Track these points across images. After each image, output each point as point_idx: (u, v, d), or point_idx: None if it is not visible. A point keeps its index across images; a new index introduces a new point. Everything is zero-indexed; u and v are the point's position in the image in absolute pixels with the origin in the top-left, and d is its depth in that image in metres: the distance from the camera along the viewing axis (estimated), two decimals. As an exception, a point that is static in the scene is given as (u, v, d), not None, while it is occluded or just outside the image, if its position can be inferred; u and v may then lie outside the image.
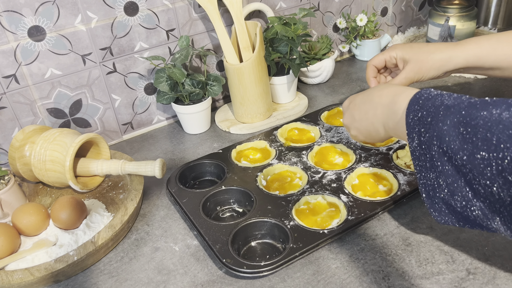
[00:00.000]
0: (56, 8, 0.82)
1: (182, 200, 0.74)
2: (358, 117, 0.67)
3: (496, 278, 0.57)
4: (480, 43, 0.70)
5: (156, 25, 0.94)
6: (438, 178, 0.53)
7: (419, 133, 0.54)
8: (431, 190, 0.56)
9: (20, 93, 0.84)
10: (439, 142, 0.51)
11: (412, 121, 0.55)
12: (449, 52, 0.71)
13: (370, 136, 0.67)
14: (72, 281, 0.65)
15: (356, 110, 0.68)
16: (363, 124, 0.67)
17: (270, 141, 0.88)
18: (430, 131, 0.52)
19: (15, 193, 0.76)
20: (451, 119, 0.49)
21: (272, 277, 0.61)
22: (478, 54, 0.70)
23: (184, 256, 0.67)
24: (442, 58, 0.72)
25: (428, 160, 0.54)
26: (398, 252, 0.63)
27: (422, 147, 0.54)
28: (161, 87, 0.92)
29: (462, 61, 0.71)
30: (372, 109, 0.64)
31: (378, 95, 0.64)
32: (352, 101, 0.70)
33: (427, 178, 0.56)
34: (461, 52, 0.71)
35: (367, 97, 0.66)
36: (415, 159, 0.57)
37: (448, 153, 0.50)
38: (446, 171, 0.52)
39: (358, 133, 0.69)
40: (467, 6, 1.16)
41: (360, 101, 0.67)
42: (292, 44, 0.95)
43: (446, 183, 0.52)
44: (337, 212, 0.69)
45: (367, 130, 0.67)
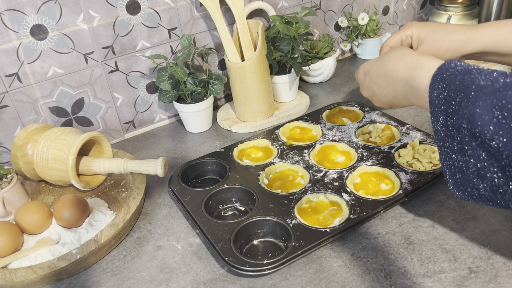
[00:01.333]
0: (58, 7, 0.82)
1: (184, 199, 0.74)
2: (378, 91, 0.65)
3: (498, 276, 0.57)
4: (498, 27, 0.67)
5: (158, 23, 0.94)
6: (467, 162, 0.50)
7: (445, 113, 0.51)
8: (458, 172, 0.52)
9: (22, 92, 0.85)
10: (470, 125, 0.47)
11: (436, 99, 0.52)
12: (467, 34, 0.68)
13: (395, 105, 0.65)
14: (74, 279, 0.65)
15: (375, 84, 0.65)
16: (385, 97, 0.65)
17: (272, 140, 0.88)
18: (459, 113, 0.48)
19: (17, 192, 0.77)
20: (483, 101, 0.45)
21: (274, 275, 0.61)
22: (497, 38, 0.67)
23: (186, 255, 0.67)
24: (459, 40, 0.68)
25: (456, 142, 0.50)
26: (400, 251, 0.63)
27: (449, 128, 0.51)
28: (163, 85, 0.92)
29: (480, 45, 0.68)
30: (391, 84, 0.62)
31: (393, 68, 0.60)
32: (367, 74, 0.67)
33: (453, 159, 0.52)
34: (480, 35, 0.67)
35: (382, 71, 0.63)
36: (439, 139, 0.53)
37: (481, 138, 0.46)
38: (477, 156, 0.48)
39: (381, 104, 0.67)
40: (468, 5, 1.16)
41: (375, 74, 0.65)
42: (293, 43, 0.95)
43: (476, 167, 0.49)
44: (339, 211, 0.69)
45: (390, 101, 0.65)
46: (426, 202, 0.71)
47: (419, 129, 0.85)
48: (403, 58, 0.60)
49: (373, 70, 0.66)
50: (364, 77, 0.68)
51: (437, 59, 0.56)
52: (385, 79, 0.63)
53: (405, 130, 0.86)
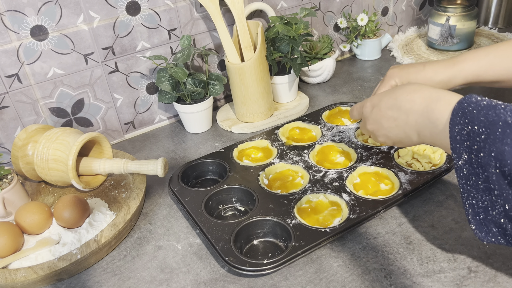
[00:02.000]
0: (58, 8, 0.82)
1: (184, 199, 0.74)
2: (386, 124, 0.62)
3: (497, 276, 0.57)
4: (478, 59, 0.67)
5: (158, 24, 0.94)
6: (494, 202, 0.48)
7: (469, 150, 0.49)
8: (482, 212, 0.50)
9: (22, 93, 0.85)
10: (498, 164, 0.45)
11: (458, 134, 0.50)
12: (447, 73, 0.69)
13: (401, 142, 0.63)
14: (75, 279, 0.65)
15: (383, 117, 0.62)
16: (392, 131, 0.62)
17: (271, 140, 0.89)
18: (485, 150, 0.47)
19: (18, 192, 0.77)
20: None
21: (274, 275, 0.61)
22: (477, 72, 0.67)
23: (186, 255, 0.67)
24: (441, 81, 0.69)
25: (482, 181, 0.49)
26: (399, 251, 0.63)
27: (473, 166, 0.49)
28: (163, 86, 0.93)
29: (462, 80, 0.69)
30: (402, 116, 0.59)
31: (408, 99, 0.58)
32: (376, 106, 0.64)
33: (478, 199, 0.50)
34: (460, 71, 0.68)
35: (395, 102, 0.60)
36: (462, 177, 0.51)
37: (511, 177, 0.45)
38: (505, 196, 0.46)
39: (386, 140, 0.65)
40: (467, 6, 1.17)
41: (385, 107, 0.62)
42: (293, 44, 0.95)
43: (504, 207, 0.47)
44: (338, 211, 0.69)
45: (397, 137, 0.62)
46: (425, 202, 0.71)
47: (418, 130, 0.86)
48: (419, 90, 0.58)
49: (383, 101, 0.63)
50: (372, 109, 0.65)
51: (456, 94, 0.54)
52: (397, 111, 0.60)
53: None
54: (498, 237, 0.50)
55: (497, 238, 0.50)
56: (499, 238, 0.50)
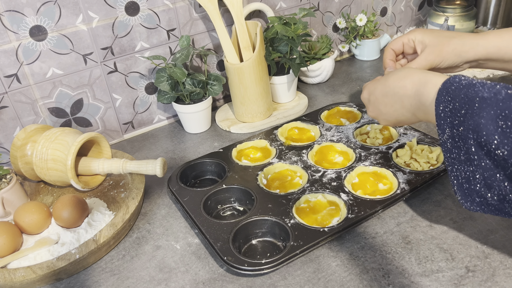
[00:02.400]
0: (57, 8, 0.82)
1: (183, 199, 0.75)
2: (384, 110, 0.66)
3: (495, 275, 0.57)
4: (501, 34, 0.68)
5: (157, 25, 0.94)
6: (474, 171, 0.52)
7: (451, 125, 0.52)
8: (465, 182, 0.54)
9: (21, 93, 0.85)
10: (475, 136, 0.49)
11: (442, 112, 0.53)
12: (470, 39, 0.69)
13: (402, 122, 0.66)
14: (74, 279, 0.65)
15: (380, 103, 0.66)
16: (392, 115, 0.65)
17: (270, 140, 0.89)
18: (464, 124, 0.50)
19: (17, 192, 0.77)
20: (487, 112, 0.47)
21: (272, 275, 0.62)
22: (499, 45, 0.68)
23: (185, 254, 0.67)
24: (463, 44, 0.69)
25: (463, 153, 0.52)
26: (398, 250, 0.63)
27: (455, 139, 0.53)
28: (161, 86, 0.93)
29: (483, 50, 0.69)
30: (398, 101, 0.62)
31: (400, 86, 0.61)
32: (372, 93, 0.67)
33: (460, 170, 0.54)
34: (482, 41, 0.68)
35: (388, 89, 0.64)
36: (446, 151, 0.55)
37: (487, 147, 0.48)
38: (484, 165, 0.50)
39: (388, 123, 0.68)
40: (466, 6, 1.17)
41: (381, 94, 0.65)
42: (292, 44, 0.95)
43: (483, 176, 0.50)
44: (337, 211, 0.70)
45: (397, 119, 0.65)
46: (423, 201, 0.72)
47: (416, 129, 0.86)
48: (409, 76, 0.61)
49: (378, 89, 0.66)
50: (369, 97, 0.69)
51: (443, 74, 0.57)
52: (392, 97, 0.63)
53: (402, 130, 0.86)
54: (482, 206, 0.54)
55: (481, 207, 0.54)
56: (483, 207, 0.53)
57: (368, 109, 0.70)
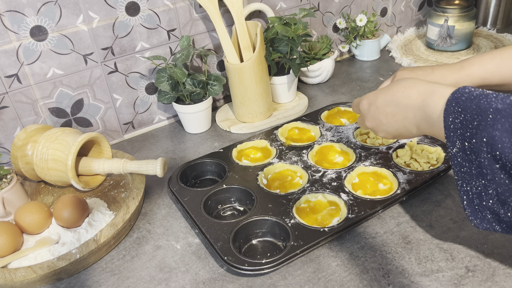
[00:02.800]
0: (58, 8, 0.82)
1: (183, 199, 0.75)
2: (385, 120, 0.63)
3: (495, 275, 0.58)
4: (484, 64, 0.68)
5: (157, 25, 0.94)
6: (486, 186, 0.50)
7: (462, 138, 0.50)
8: (476, 198, 0.52)
9: (22, 93, 0.85)
10: (489, 149, 0.47)
11: (452, 123, 0.51)
12: (454, 77, 0.69)
13: (402, 135, 0.64)
14: (74, 279, 0.65)
15: (381, 113, 0.64)
16: (392, 126, 0.63)
17: (270, 140, 0.89)
18: (477, 136, 0.48)
19: (17, 192, 0.77)
20: (502, 124, 0.46)
21: (273, 274, 0.62)
22: (483, 75, 0.68)
23: (185, 254, 0.67)
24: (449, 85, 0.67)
25: (475, 167, 0.50)
26: (398, 250, 0.63)
27: (467, 152, 0.50)
28: (162, 86, 0.93)
29: (469, 84, 0.68)
30: (401, 112, 0.60)
31: (405, 95, 0.59)
32: (373, 103, 0.65)
33: (471, 185, 0.52)
34: (467, 76, 0.68)
35: (391, 99, 0.62)
36: (456, 165, 0.53)
37: (502, 161, 0.46)
38: (498, 180, 0.48)
39: (387, 135, 0.66)
40: (466, 7, 1.17)
41: (383, 103, 0.63)
42: (292, 44, 0.95)
43: (496, 191, 0.49)
44: (337, 211, 0.70)
45: (397, 131, 0.63)
46: (423, 201, 0.72)
47: (416, 130, 0.86)
48: (415, 86, 0.59)
49: (380, 98, 0.64)
50: (369, 106, 0.66)
51: (450, 85, 0.55)
52: (395, 107, 0.61)
53: (403, 130, 0.86)
54: (493, 223, 0.51)
55: (491, 225, 0.51)
56: (494, 224, 0.51)
57: (367, 119, 0.67)
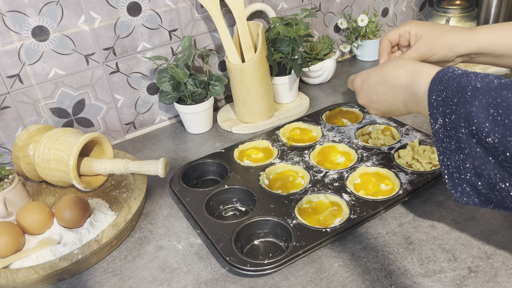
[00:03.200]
0: (59, 9, 0.82)
1: (185, 199, 0.75)
2: (375, 98, 0.66)
3: (497, 276, 0.57)
4: (492, 29, 0.69)
5: (159, 25, 0.94)
6: (464, 160, 0.52)
7: (443, 114, 0.53)
8: (456, 172, 0.54)
9: (23, 93, 0.85)
10: (467, 124, 0.49)
11: (435, 101, 0.54)
12: (462, 34, 0.70)
13: (391, 113, 0.67)
14: (76, 279, 0.65)
15: (372, 91, 0.66)
16: (382, 104, 0.66)
17: (272, 141, 0.89)
18: (456, 112, 0.51)
19: (19, 192, 0.77)
20: (479, 100, 0.48)
21: (275, 275, 0.62)
22: (491, 39, 0.68)
23: (187, 255, 0.67)
24: (455, 38, 0.70)
25: (454, 142, 0.53)
26: (400, 251, 0.63)
27: (447, 128, 0.53)
28: (163, 87, 0.93)
29: (474, 44, 0.69)
30: (390, 90, 0.63)
31: (394, 75, 0.62)
32: (365, 81, 0.68)
33: (451, 160, 0.54)
34: (475, 35, 0.69)
35: (382, 78, 0.64)
36: (438, 140, 0.55)
37: (478, 135, 0.49)
38: (474, 153, 0.50)
39: (377, 112, 0.69)
40: (467, 7, 1.17)
41: (374, 82, 0.66)
42: (294, 44, 0.95)
43: (473, 165, 0.51)
44: (339, 211, 0.70)
45: (387, 109, 0.66)
46: (425, 202, 0.72)
47: (418, 130, 0.86)
48: (403, 66, 0.61)
49: (371, 77, 0.67)
50: (362, 84, 0.69)
51: (437, 66, 0.57)
52: (384, 86, 0.64)
53: (404, 131, 0.86)
54: (472, 197, 0.54)
55: (471, 198, 0.54)
56: (473, 198, 0.54)
57: (359, 96, 0.70)
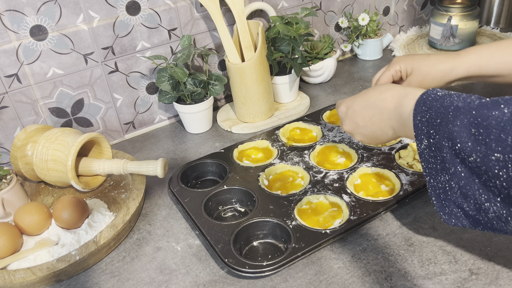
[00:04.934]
0: (58, 8, 0.82)
1: (184, 200, 0.74)
2: (362, 123, 0.66)
3: (498, 278, 0.57)
4: (479, 52, 0.70)
5: (158, 24, 0.94)
6: (450, 180, 0.52)
7: (428, 135, 0.54)
8: (442, 193, 0.55)
9: (22, 93, 0.85)
10: (450, 143, 0.50)
11: (420, 122, 0.54)
12: (450, 63, 0.71)
13: (377, 139, 0.67)
14: (74, 280, 0.65)
15: (358, 116, 0.66)
16: (368, 129, 0.66)
17: (272, 141, 0.88)
18: (440, 133, 0.51)
19: (17, 193, 0.76)
20: (461, 120, 0.48)
21: (274, 277, 0.61)
22: (478, 63, 0.70)
23: (186, 256, 0.67)
24: (443, 69, 0.71)
25: (439, 162, 0.53)
26: (400, 252, 0.62)
27: (432, 149, 0.54)
28: (163, 86, 0.92)
29: (463, 71, 0.71)
30: (377, 114, 0.63)
31: (381, 99, 0.63)
32: (350, 107, 0.68)
33: (437, 180, 0.55)
34: (462, 62, 0.71)
35: (368, 102, 0.65)
36: (423, 161, 0.56)
37: (461, 155, 0.49)
38: (458, 173, 0.51)
39: (363, 138, 0.69)
40: (469, 6, 1.16)
41: (360, 107, 0.66)
42: (294, 44, 0.95)
43: (458, 185, 0.51)
44: (339, 212, 0.69)
45: (373, 134, 0.66)
46: (426, 203, 0.71)
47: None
48: (389, 89, 0.63)
49: (357, 102, 0.67)
50: (347, 110, 0.69)
51: (422, 89, 0.58)
52: (372, 109, 0.64)
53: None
54: (460, 218, 0.54)
55: (459, 220, 0.54)
56: (462, 219, 0.54)
57: (344, 123, 0.70)
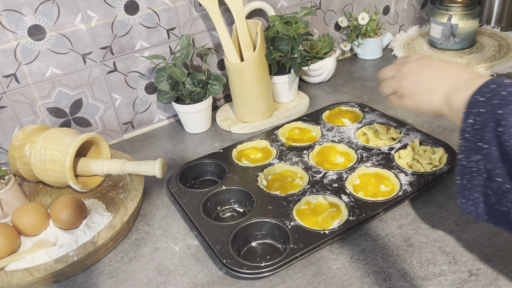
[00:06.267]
0: (56, 7, 0.81)
1: (182, 200, 0.74)
2: (426, 72, 0.63)
3: (498, 279, 0.57)
4: None
5: (157, 24, 0.93)
6: (479, 161, 0.52)
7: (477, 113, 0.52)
8: (468, 173, 0.54)
9: (20, 93, 0.84)
10: (494, 124, 0.50)
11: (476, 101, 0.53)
12: None
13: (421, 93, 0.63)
14: (72, 281, 0.64)
15: (428, 66, 0.63)
16: (424, 82, 0.62)
17: (271, 141, 0.88)
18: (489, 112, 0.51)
19: (15, 193, 0.76)
20: None
21: (272, 277, 0.61)
22: None
23: (184, 257, 0.66)
24: None
25: (477, 140, 0.52)
26: (399, 253, 0.62)
27: (475, 127, 0.53)
28: (161, 86, 0.92)
29: None
30: (446, 75, 0.61)
31: (460, 68, 0.61)
32: (427, 57, 0.65)
33: (469, 160, 0.54)
34: None
35: (447, 64, 0.62)
36: (463, 138, 0.54)
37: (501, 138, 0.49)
38: (491, 155, 0.50)
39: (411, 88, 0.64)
40: (470, 5, 1.16)
41: (436, 63, 0.63)
42: (293, 43, 0.94)
43: (486, 168, 0.51)
44: (338, 213, 0.69)
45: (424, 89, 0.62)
46: (426, 203, 0.71)
47: (419, 130, 0.85)
48: (470, 68, 0.61)
49: (435, 59, 0.65)
50: (422, 57, 0.66)
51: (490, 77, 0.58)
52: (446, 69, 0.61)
53: (405, 131, 0.85)
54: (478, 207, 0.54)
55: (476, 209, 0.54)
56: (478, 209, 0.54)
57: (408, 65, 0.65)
